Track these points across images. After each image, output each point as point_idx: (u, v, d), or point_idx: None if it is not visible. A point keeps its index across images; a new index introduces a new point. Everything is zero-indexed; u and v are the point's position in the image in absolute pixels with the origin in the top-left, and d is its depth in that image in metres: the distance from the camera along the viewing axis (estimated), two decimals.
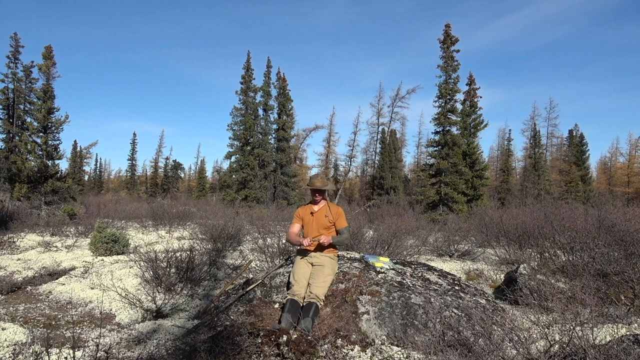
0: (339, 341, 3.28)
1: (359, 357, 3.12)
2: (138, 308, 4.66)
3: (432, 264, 6.58)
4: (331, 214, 4.05)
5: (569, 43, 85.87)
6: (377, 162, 39.83)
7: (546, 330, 3.00)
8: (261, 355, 3.19)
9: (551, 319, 3.75)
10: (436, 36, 27.65)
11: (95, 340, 3.81)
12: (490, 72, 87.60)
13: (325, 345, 3.24)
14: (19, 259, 7.56)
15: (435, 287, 3.98)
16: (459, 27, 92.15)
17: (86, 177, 55.93)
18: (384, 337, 3.38)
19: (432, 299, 3.64)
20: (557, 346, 2.74)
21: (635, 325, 3.70)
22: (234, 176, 32.86)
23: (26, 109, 21.98)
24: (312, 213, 4.08)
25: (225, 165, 39.92)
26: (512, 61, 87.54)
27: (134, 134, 64.44)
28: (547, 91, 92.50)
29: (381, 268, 4.18)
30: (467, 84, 28.54)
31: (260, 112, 34.00)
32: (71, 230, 11.62)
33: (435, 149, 27.70)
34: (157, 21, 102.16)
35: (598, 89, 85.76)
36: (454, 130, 27.19)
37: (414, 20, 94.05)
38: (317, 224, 4.04)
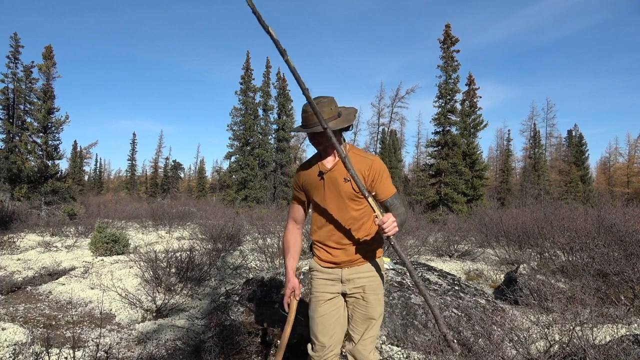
0: None
1: None
2: (138, 308, 4.66)
3: (432, 264, 6.58)
4: (359, 174, 1.97)
5: (568, 43, 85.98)
6: None
7: (546, 330, 3.00)
8: (261, 355, 3.19)
9: (551, 319, 3.75)
10: (436, 35, 27.62)
11: (95, 340, 3.81)
12: (488, 71, 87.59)
13: None
14: (19, 259, 7.56)
15: (435, 287, 3.99)
16: (462, 26, 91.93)
17: (86, 177, 56.03)
18: (384, 337, 3.38)
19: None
20: (557, 346, 2.75)
21: (635, 325, 3.70)
22: (233, 176, 32.92)
23: (26, 109, 22.03)
24: (321, 174, 2.05)
25: (225, 165, 40.05)
26: (509, 61, 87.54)
27: (134, 134, 64.57)
28: (544, 91, 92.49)
29: None
30: (466, 84, 28.62)
31: (260, 112, 34.08)
32: (71, 230, 11.62)
33: (435, 149, 27.75)
34: (156, 13, 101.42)
35: (597, 89, 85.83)
36: (454, 130, 27.25)
37: (420, 17, 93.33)
38: (337, 193, 2.02)
